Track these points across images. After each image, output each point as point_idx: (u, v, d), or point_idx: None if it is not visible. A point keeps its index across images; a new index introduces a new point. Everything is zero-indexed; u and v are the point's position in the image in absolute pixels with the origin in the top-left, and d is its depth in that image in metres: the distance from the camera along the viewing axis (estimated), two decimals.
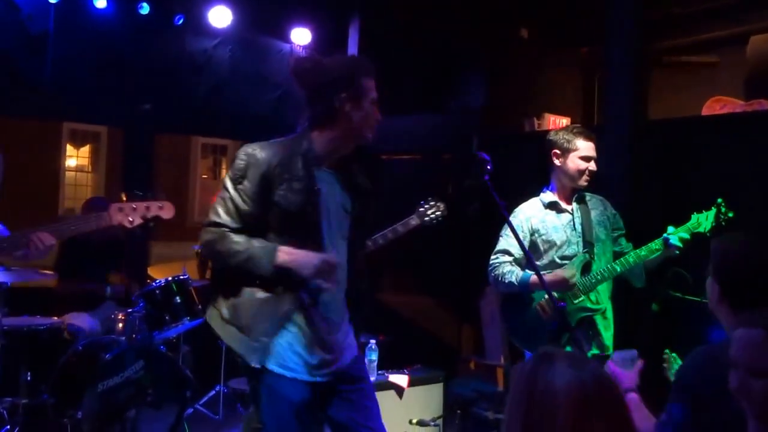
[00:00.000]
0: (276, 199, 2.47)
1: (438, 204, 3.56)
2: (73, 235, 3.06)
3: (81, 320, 4.64)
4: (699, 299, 3.24)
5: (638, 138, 4.45)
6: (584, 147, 3.37)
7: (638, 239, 3.40)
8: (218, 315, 2.56)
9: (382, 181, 5.22)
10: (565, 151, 3.38)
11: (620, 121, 4.48)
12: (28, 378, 4.14)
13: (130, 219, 2.87)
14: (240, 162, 2.50)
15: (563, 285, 3.22)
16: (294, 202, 2.47)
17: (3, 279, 3.94)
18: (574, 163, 3.37)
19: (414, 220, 3.52)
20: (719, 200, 3.20)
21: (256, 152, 2.50)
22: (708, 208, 3.21)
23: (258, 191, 2.47)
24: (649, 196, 4.41)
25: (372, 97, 2.57)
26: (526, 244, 3.33)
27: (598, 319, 3.35)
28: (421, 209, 3.54)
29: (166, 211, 2.94)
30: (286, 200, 2.47)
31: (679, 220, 3.24)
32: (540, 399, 1.37)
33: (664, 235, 3.21)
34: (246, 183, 2.47)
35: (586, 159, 3.36)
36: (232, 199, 2.48)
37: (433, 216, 3.54)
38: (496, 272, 3.38)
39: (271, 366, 2.48)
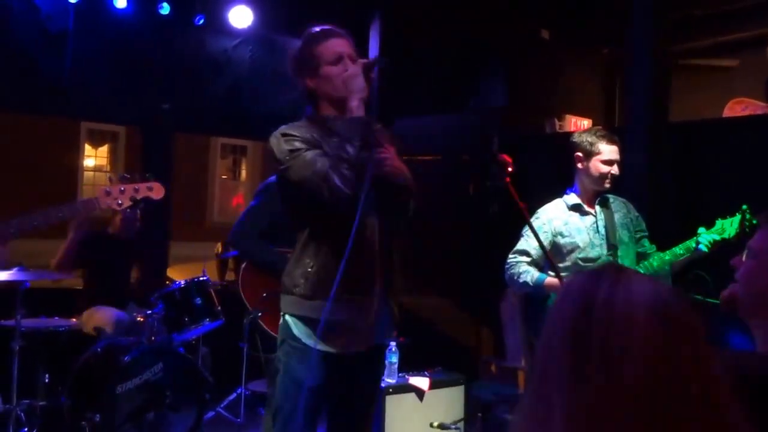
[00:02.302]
0: None
1: None
2: (60, 221, 2.88)
3: (103, 316, 4.61)
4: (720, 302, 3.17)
5: (658, 140, 4.40)
6: (607, 151, 3.33)
7: (657, 241, 3.38)
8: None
9: None
10: (588, 155, 3.35)
11: (640, 123, 4.44)
12: (46, 380, 4.14)
13: (119, 201, 2.81)
14: (289, 143, 2.44)
15: None
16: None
17: (21, 278, 3.94)
18: (596, 166, 3.34)
19: None
20: (744, 206, 3.15)
21: (293, 130, 2.47)
22: (732, 214, 3.16)
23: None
24: (668, 198, 4.36)
25: (328, 59, 2.48)
26: (548, 245, 3.30)
27: None
28: None
29: (156, 191, 2.89)
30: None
31: (699, 223, 3.21)
32: (604, 315, 0.98)
33: (697, 237, 3.16)
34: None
35: (609, 163, 3.33)
36: (302, 153, 2.41)
37: None
38: (512, 271, 3.37)
39: None
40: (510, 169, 2.63)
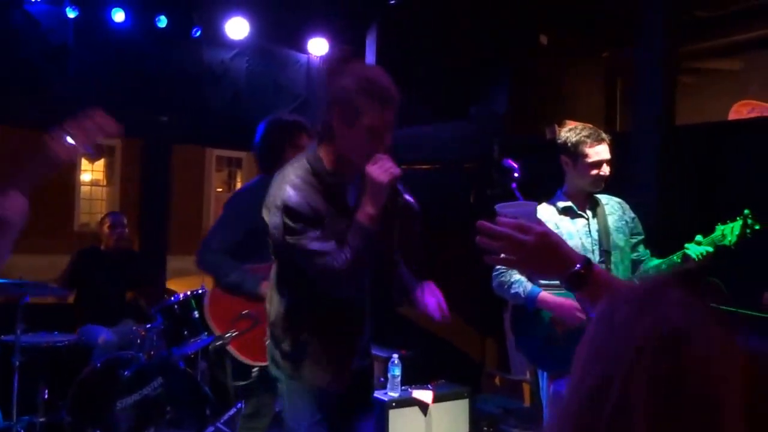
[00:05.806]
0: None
1: None
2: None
3: (95, 333, 4.57)
4: (735, 310, 3.11)
5: (667, 143, 4.33)
6: (593, 152, 3.14)
7: (666, 247, 3.25)
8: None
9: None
10: (574, 157, 3.17)
11: (649, 127, 4.38)
12: (46, 396, 4.08)
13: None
14: (290, 219, 2.28)
15: (571, 316, 2.98)
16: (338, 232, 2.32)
17: (21, 294, 3.91)
18: (584, 169, 3.16)
19: None
20: (746, 211, 3.04)
21: (296, 199, 2.27)
22: (733, 219, 3.06)
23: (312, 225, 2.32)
24: (677, 203, 4.30)
25: (368, 125, 2.20)
26: None
27: None
28: None
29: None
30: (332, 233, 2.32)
31: (709, 227, 3.11)
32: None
33: (686, 245, 3.06)
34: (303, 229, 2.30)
35: (597, 164, 3.14)
36: (303, 240, 2.28)
37: None
38: (502, 279, 3.19)
39: None
40: (516, 176, 2.56)
